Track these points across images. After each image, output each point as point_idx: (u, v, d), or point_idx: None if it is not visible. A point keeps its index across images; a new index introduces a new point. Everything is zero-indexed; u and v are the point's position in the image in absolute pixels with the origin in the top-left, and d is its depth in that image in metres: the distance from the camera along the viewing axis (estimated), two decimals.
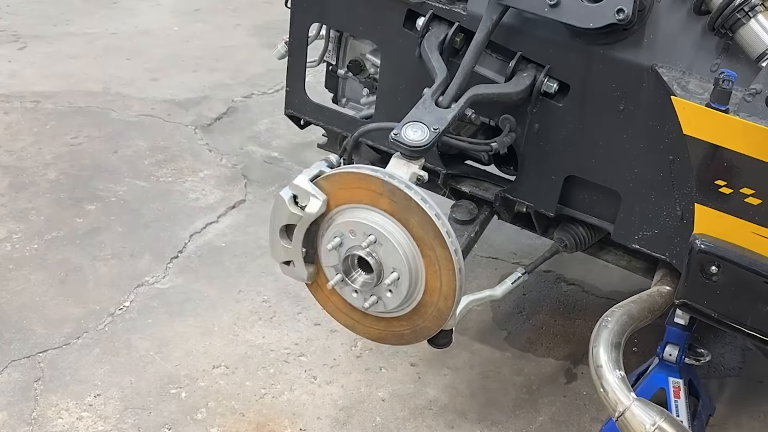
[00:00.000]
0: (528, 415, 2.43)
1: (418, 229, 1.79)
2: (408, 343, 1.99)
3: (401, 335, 1.97)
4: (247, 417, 2.36)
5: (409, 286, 1.85)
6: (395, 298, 1.87)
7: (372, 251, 1.84)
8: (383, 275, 1.85)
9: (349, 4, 2.30)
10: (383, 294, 1.88)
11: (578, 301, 2.88)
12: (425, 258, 1.82)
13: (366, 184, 1.81)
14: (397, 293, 1.86)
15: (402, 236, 1.82)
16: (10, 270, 2.88)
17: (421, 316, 1.90)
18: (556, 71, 2.04)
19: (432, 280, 1.83)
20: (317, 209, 1.84)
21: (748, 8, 1.78)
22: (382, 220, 1.83)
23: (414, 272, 1.84)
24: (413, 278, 1.84)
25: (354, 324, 2.02)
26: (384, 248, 1.83)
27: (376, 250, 1.84)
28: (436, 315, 1.87)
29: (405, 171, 1.85)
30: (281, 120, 3.52)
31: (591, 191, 2.13)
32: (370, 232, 1.83)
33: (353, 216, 1.86)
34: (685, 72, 1.88)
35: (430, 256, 1.81)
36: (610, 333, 1.88)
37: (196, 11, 5.13)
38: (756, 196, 1.76)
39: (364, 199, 1.83)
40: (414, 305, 1.89)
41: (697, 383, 2.41)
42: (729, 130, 1.75)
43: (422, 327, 1.92)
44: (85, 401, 2.39)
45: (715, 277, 1.83)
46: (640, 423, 1.73)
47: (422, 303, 1.87)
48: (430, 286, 1.84)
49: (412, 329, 1.94)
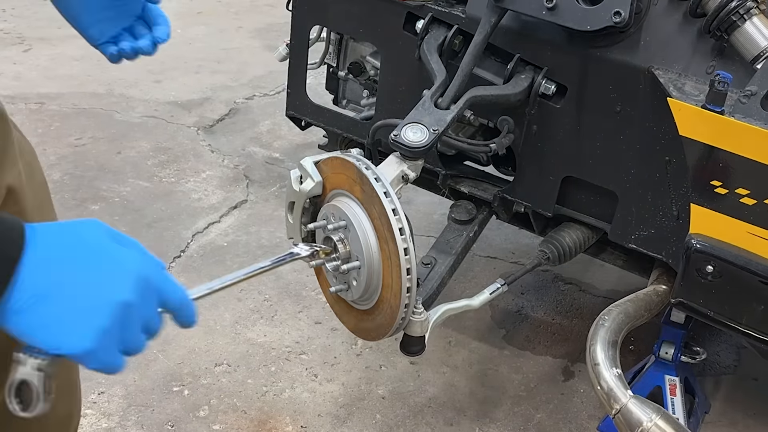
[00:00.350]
0: (526, 412, 2.43)
1: (377, 221, 1.77)
2: (374, 339, 1.93)
3: (368, 330, 1.92)
4: (248, 414, 2.36)
5: (368, 277, 1.81)
6: (358, 287, 1.84)
7: (343, 237, 1.81)
8: (349, 261, 1.82)
9: (350, 7, 2.30)
10: (351, 281, 1.85)
11: (575, 300, 2.88)
12: (382, 251, 1.79)
13: (347, 170, 1.80)
14: (359, 283, 1.83)
15: (368, 226, 1.79)
16: None
17: (381, 312, 1.86)
18: (554, 73, 2.04)
19: (386, 275, 1.80)
20: (309, 188, 1.82)
21: (744, 11, 1.78)
22: (354, 207, 1.81)
23: (374, 264, 1.79)
24: (372, 269, 1.80)
25: (340, 313, 1.98)
26: (351, 234, 1.81)
27: (346, 235, 1.81)
28: (390, 312, 1.83)
29: (395, 169, 1.84)
30: (282, 121, 3.54)
31: (588, 192, 2.13)
32: (342, 217, 1.81)
33: (336, 200, 1.84)
34: (681, 74, 1.88)
35: (385, 250, 1.78)
36: (607, 331, 1.88)
37: (198, 14, 5.13)
38: (751, 197, 1.76)
39: (344, 185, 1.82)
40: (375, 300, 1.86)
41: (693, 381, 2.41)
42: (724, 131, 1.75)
43: (380, 324, 1.87)
44: (89, 398, 2.38)
45: (711, 276, 1.83)
46: (637, 420, 1.72)
47: (381, 298, 1.84)
48: (385, 281, 1.81)
49: (374, 325, 1.89)
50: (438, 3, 2.17)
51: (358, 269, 1.78)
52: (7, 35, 4.63)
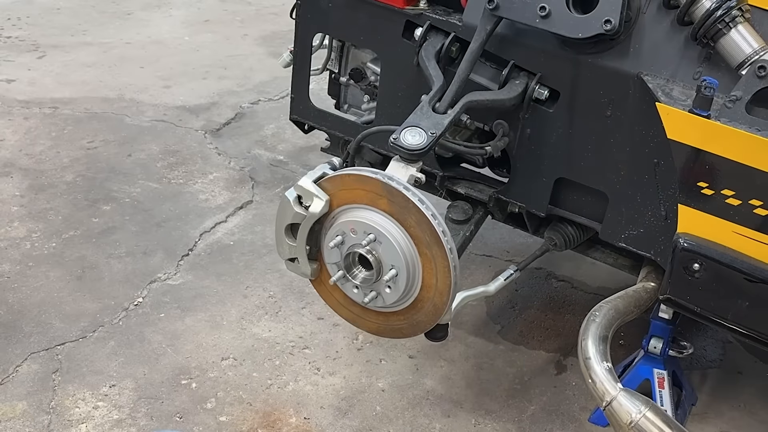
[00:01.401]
0: (520, 404, 2.43)
1: (415, 229, 1.79)
2: (405, 336, 1.99)
3: (399, 329, 1.97)
4: (254, 406, 2.36)
5: (407, 283, 1.85)
6: (394, 293, 1.87)
7: (372, 249, 1.84)
8: (382, 272, 1.85)
9: (351, 15, 2.30)
10: (382, 290, 1.88)
11: (568, 297, 2.87)
12: (422, 256, 1.82)
13: (366, 185, 1.81)
14: (395, 289, 1.86)
15: (400, 235, 1.82)
16: (30, 267, 2.88)
17: (418, 311, 1.90)
18: (547, 79, 2.04)
19: (428, 276, 1.83)
20: (320, 209, 1.84)
21: (729, 19, 1.78)
22: (381, 220, 1.83)
23: (411, 269, 1.84)
24: (410, 275, 1.84)
25: (355, 318, 2.03)
26: (383, 246, 1.83)
27: (375, 248, 1.84)
28: (432, 310, 1.87)
29: (403, 173, 1.85)
30: (286, 125, 3.54)
31: (580, 192, 2.13)
32: (370, 231, 1.83)
33: (354, 216, 1.85)
34: (669, 79, 1.88)
35: (427, 254, 1.81)
36: (598, 327, 1.88)
37: (206, 22, 5.13)
38: (736, 197, 1.77)
39: (364, 199, 1.83)
40: (411, 301, 1.89)
41: (681, 374, 2.41)
42: (711, 134, 1.75)
43: (419, 321, 1.92)
44: (101, 391, 2.38)
45: (698, 273, 1.83)
46: (627, 412, 1.73)
47: (419, 298, 1.87)
48: (426, 282, 1.84)
49: (409, 323, 1.94)
50: (435, 11, 2.17)
51: (395, 277, 1.81)
52: (22, 42, 4.62)
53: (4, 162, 3.48)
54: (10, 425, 2.26)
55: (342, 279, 1.92)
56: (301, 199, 1.86)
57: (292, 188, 1.87)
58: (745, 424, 2.40)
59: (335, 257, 1.91)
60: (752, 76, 1.75)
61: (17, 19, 4.93)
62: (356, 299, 1.94)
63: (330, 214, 1.88)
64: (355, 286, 1.92)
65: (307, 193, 1.84)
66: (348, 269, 1.91)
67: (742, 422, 2.40)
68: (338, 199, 1.85)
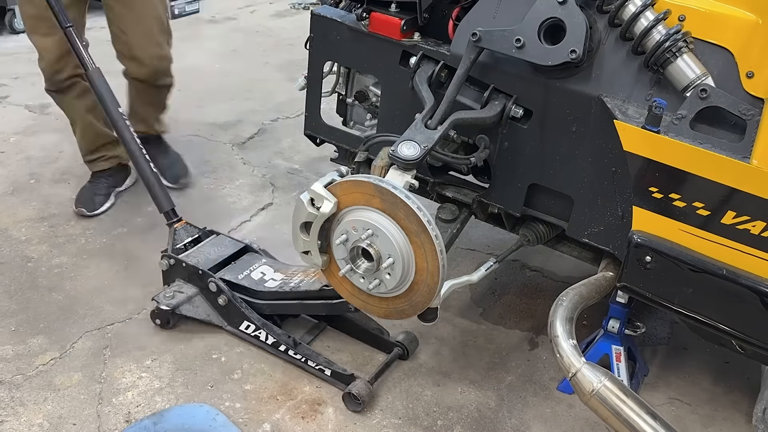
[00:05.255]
0: (499, 375, 2.42)
1: (405, 221, 1.79)
2: (408, 316, 1.97)
3: (403, 310, 1.96)
4: (274, 377, 2.35)
5: (403, 269, 1.84)
6: (393, 279, 1.86)
7: (371, 242, 1.83)
8: (381, 261, 1.84)
9: (356, 47, 2.29)
10: (383, 277, 1.88)
11: (539, 284, 2.87)
12: (413, 244, 1.81)
13: (361, 188, 1.81)
14: (393, 275, 1.85)
15: (393, 228, 1.81)
16: (84, 259, 2.88)
17: (416, 292, 1.89)
18: (522, 100, 2.03)
19: (420, 261, 1.82)
20: (329, 209, 1.84)
21: (676, 49, 1.78)
22: (376, 216, 1.82)
23: (405, 256, 1.83)
24: (405, 261, 1.83)
25: (365, 305, 2.01)
26: (380, 239, 1.82)
27: (374, 241, 1.83)
28: (427, 290, 1.86)
29: (400, 180, 1.85)
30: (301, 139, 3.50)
31: (549, 196, 2.13)
32: (368, 227, 1.82)
33: (354, 215, 1.85)
34: (624, 100, 1.88)
35: (417, 242, 1.80)
36: (565, 309, 1.88)
37: (233, 52, 5.13)
38: (681, 200, 1.76)
39: (361, 200, 1.82)
40: (408, 284, 1.88)
41: (635, 350, 2.41)
42: (660, 147, 1.75)
43: (418, 301, 1.91)
44: (144, 364, 2.38)
45: (650, 265, 1.83)
46: (589, 382, 1.72)
47: (415, 282, 1.87)
48: (419, 267, 1.83)
49: (410, 305, 1.93)
50: (427, 43, 2.17)
51: (392, 264, 1.80)
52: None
53: (63, 170, 3.47)
54: (67, 393, 2.26)
55: (349, 271, 1.92)
56: (313, 201, 1.86)
57: (306, 192, 1.87)
58: (689, 392, 2.39)
59: (342, 253, 1.90)
60: (695, 97, 1.75)
61: None
62: (362, 287, 1.94)
63: (336, 215, 1.88)
64: (360, 276, 1.92)
65: (318, 196, 1.84)
66: (353, 262, 1.90)
67: (686, 390, 2.40)
68: (343, 202, 1.85)
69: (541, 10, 1.87)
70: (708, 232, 1.75)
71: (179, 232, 2.67)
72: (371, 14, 2.21)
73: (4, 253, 2.89)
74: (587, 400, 1.73)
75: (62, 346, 2.44)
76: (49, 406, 2.21)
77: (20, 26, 5.13)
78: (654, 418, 1.69)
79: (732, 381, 2.43)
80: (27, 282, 2.73)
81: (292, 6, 6.12)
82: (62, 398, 2.24)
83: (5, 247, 2.92)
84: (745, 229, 1.69)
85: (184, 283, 2.53)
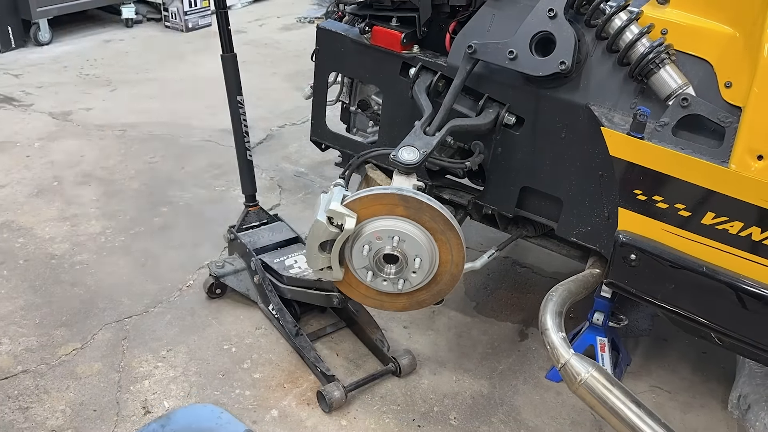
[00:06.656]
0: (491, 364, 2.41)
1: (430, 222, 1.78)
2: (427, 305, 1.95)
3: (423, 301, 1.93)
4: (281, 366, 2.34)
5: (430, 265, 1.83)
6: (419, 276, 1.83)
7: (398, 247, 1.81)
8: (408, 262, 1.82)
9: (359, 58, 2.28)
10: (409, 276, 1.85)
11: (529, 280, 2.86)
12: (438, 241, 1.80)
13: (383, 200, 1.78)
14: (420, 272, 1.83)
15: (418, 230, 1.80)
16: (104, 256, 2.86)
17: (438, 283, 1.87)
18: (514, 108, 2.02)
19: (445, 255, 1.82)
20: (354, 225, 1.77)
21: (659, 61, 1.77)
22: (401, 223, 1.80)
23: (431, 254, 1.81)
24: (432, 259, 1.82)
25: (381, 304, 1.97)
26: (407, 243, 1.80)
27: (401, 245, 1.81)
28: (450, 279, 1.86)
29: (408, 183, 1.83)
30: (307, 144, 3.52)
31: (540, 198, 2.12)
32: (394, 234, 1.80)
33: (376, 225, 1.80)
34: (611, 109, 1.86)
35: (442, 239, 1.80)
36: (554, 304, 1.87)
37: (243, 63, 5.05)
38: (664, 202, 1.75)
39: (383, 211, 1.80)
40: (431, 277, 1.86)
41: (618, 341, 2.40)
42: (644, 152, 1.74)
43: (440, 290, 1.90)
44: (160, 354, 2.37)
45: (634, 262, 1.82)
46: (578, 372, 1.71)
47: (438, 273, 1.85)
48: (443, 260, 1.83)
49: (431, 294, 1.91)
50: (426, 55, 2.16)
51: (420, 264, 1.81)
52: (98, 78, 4.60)
53: (84, 174, 3.46)
54: (88, 381, 2.25)
55: (373, 278, 1.88)
56: (331, 220, 1.80)
57: (323, 212, 1.77)
58: (669, 380, 2.39)
59: (364, 262, 1.85)
60: (677, 106, 1.74)
61: (94, 60, 4.91)
62: (388, 290, 1.89)
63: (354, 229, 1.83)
64: (383, 280, 1.88)
65: (338, 215, 1.77)
66: (378, 268, 1.87)
67: (666, 379, 2.39)
68: (362, 216, 1.81)
69: (532, 24, 1.85)
70: (689, 231, 1.74)
71: (250, 215, 2.78)
72: (373, 28, 2.20)
73: (29, 250, 2.87)
74: (576, 388, 1.72)
75: (83, 338, 2.42)
76: (71, 394, 2.20)
77: (44, 39, 5.11)
78: (638, 406, 1.68)
79: (709, 370, 2.43)
80: (51, 278, 2.72)
81: (299, 20, 6.11)
82: (83, 386, 2.23)
83: (30, 245, 2.90)
84: (724, 229, 1.68)
85: (238, 258, 2.63)
